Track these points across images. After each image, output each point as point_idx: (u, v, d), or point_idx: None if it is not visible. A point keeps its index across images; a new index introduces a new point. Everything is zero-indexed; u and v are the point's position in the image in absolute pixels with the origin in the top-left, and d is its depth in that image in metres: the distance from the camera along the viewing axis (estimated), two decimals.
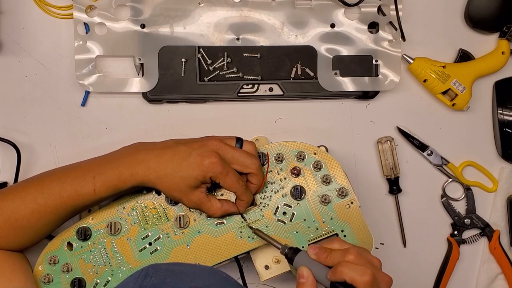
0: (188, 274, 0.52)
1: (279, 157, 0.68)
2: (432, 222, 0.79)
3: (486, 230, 0.79)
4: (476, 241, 0.79)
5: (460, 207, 0.79)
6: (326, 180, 0.68)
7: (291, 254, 0.60)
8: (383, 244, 0.79)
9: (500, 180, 0.79)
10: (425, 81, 0.75)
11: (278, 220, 0.68)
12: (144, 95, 0.74)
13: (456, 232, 0.79)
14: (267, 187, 0.68)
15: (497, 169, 0.79)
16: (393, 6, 0.73)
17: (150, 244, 0.67)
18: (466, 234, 0.79)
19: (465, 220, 0.79)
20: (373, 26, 0.75)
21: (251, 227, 0.67)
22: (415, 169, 0.78)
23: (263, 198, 0.68)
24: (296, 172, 0.68)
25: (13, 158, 0.73)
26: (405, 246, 0.79)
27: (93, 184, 0.63)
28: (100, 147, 0.76)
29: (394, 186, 0.77)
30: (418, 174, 0.78)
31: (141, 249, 0.67)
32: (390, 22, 0.75)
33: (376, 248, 0.78)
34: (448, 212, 0.79)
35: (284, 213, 0.68)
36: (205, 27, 0.74)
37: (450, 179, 0.78)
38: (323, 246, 0.59)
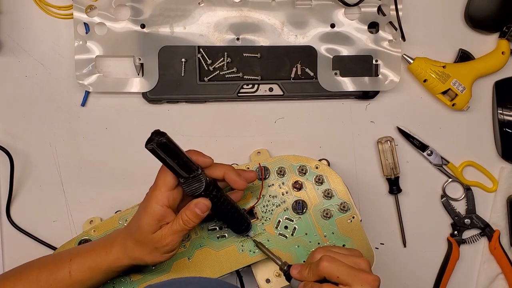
0: (181, 283, 0.53)
1: (280, 171, 0.68)
2: (432, 222, 0.79)
3: (486, 230, 0.79)
4: (476, 241, 0.79)
5: (460, 207, 0.79)
6: (328, 195, 0.68)
7: (289, 272, 0.61)
8: (383, 244, 0.79)
9: (500, 180, 0.79)
10: (425, 81, 0.75)
11: (280, 234, 0.68)
12: (144, 95, 0.74)
13: (456, 232, 0.79)
14: (268, 201, 0.68)
15: (497, 169, 0.79)
16: (393, 6, 0.73)
17: None
18: (466, 234, 0.79)
19: (465, 220, 0.79)
20: (373, 26, 0.75)
21: (254, 240, 0.66)
22: (415, 169, 0.78)
23: (265, 212, 0.68)
24: (298, 186, 0.68)
25: (7, 161, 0.73)
26: (405, 246, 0.79)
27: (69, 266, 0.62)
28: (100, 147, 0.76)
29: (394, 186, 0.77)
30: (418, 174, 0.78)
31: None
32: (390, 22, 0.75)
33: (376, 248, 0.78)
34: (448, 212, 0.79)
35: (286, 227, 0.68)
36: (205, 27, 0.74)
37: (450, 179, 0.78)
38: (303, 263, 0.59)
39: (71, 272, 0.61)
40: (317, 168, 0.68)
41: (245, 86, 0.75)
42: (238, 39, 0.74)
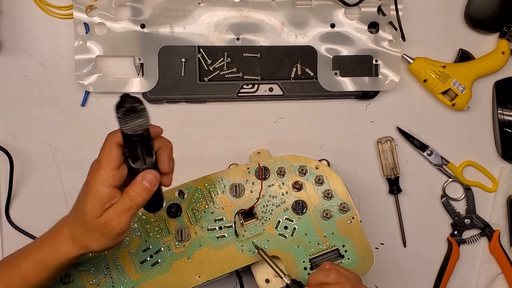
0: None
1: (280, 171, 0.68)
2: (432, 222, 0.79)
3: (486, 230, 0.79)
4: (476, 241, 0.79)
5: (460, 207, 0.79)
6: (328, 195, 0.68)
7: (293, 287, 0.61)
8: (383, 244, 0.79)
9: (500, 180, 0.79)
10: (425, 81, 0.75)
11: (279, 234, 0.68)
12: (144, 95, 0.74)
13: (456, 232, 0.79)
14: (268, 201, 0.68)
15: (497, 169, 0.79)
16: (393, 6, 0.73)
17: (151, 256, 0.67)
18: (466, 234, 0.79)
19: (465, 220, 0.79)
20: (373, 26, 0.75)
21: (256, 246, 0.66)
22: (415, 169, 0.78)
23: (265, 212, 0.68)
24: (298, 187, 0.68)
25: (7, 161, 0.73)
26: (405, 246, 0.79)
27: (19, 272, 0.58)
28: (100, 147, 0.75)
29: (394, 186, 0.77)
30: (418, 174, 0.78)
31: (142, 261, 0.67)
32: (390, 22, 0.75)
33: (376, 248, 0.78)
34: (448, 212, 0.79)
35: (286, 227, 0.68)
36: (205, 27, 0.74)
37: (450, 179, 0.78)
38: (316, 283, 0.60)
39: (24, 278, 0.58)
40: (317, 168, 0.68)
41: (245, 86, 0.75)
42: (238, 39, 0.74)
